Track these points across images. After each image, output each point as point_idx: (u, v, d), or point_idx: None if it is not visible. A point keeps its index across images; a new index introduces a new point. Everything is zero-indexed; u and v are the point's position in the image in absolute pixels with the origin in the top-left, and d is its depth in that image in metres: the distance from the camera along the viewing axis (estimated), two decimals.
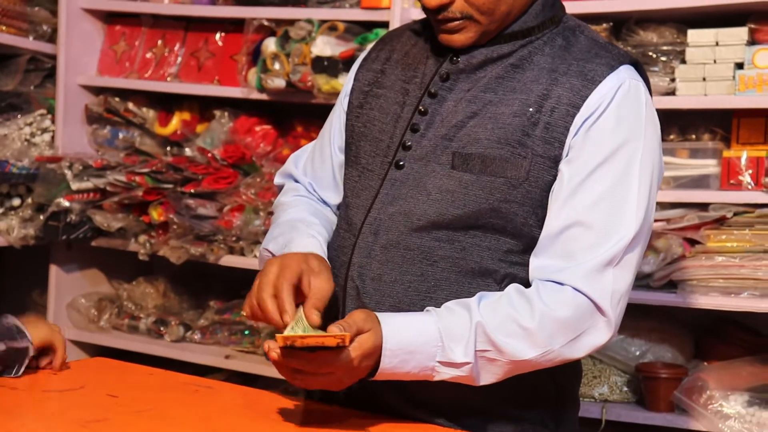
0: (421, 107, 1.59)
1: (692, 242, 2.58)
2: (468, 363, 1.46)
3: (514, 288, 1.51)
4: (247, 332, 3.08)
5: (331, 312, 1.54)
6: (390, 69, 1.67)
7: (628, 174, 1.51)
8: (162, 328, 3.18)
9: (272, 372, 2.90)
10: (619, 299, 1.52)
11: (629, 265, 1.52)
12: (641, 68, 1.59)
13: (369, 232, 1.57)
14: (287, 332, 1.40)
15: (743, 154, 2.53)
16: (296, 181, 1.80)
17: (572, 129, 1.51)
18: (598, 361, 2.71)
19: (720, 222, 2.55)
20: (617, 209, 1.50)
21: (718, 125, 2.68)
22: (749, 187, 2.52)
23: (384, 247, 1.55)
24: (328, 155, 1.75)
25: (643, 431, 2.67)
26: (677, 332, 2.75)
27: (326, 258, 1.59)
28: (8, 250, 3.14)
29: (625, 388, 2.67)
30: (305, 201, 1.75)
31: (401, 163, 1.58)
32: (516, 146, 1.51)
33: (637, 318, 2.70)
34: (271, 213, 2.86)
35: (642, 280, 2.58)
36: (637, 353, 2.68)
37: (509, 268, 1.54)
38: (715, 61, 2.54)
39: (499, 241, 1.54)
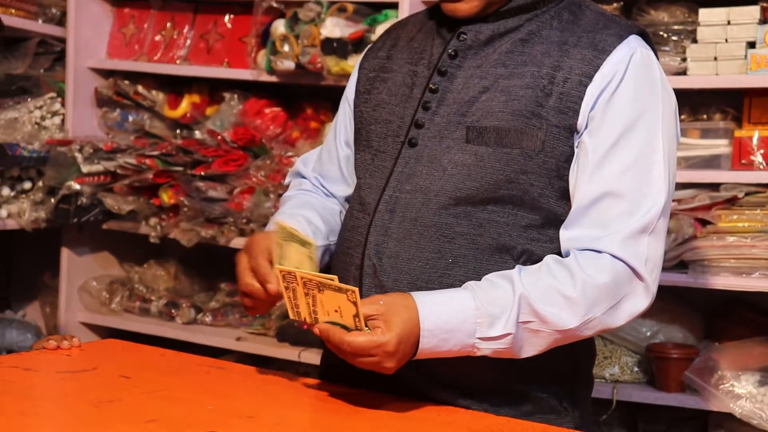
0: (431, 85, 1.59)
1: (703, 222, 2.58)
2: (509, 334, 1.46)
3: (552, 259, 1.51)
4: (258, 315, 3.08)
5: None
6: (396, 54, 1.69)
7: (651, 142, 1.53)
8: (173, 311, 3.19)
9: (283, 353, 2.91)
10: (654, 266, 1.52)
11: (661, 233, 1.53)
12: (648, 38, 1.61)
13: (385, 210, 1.57)
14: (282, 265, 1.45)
15: (755, 134, 2.52)
16: (303, 177, 1.84)
17: (587, 99, 1.52)
18: (609, 342, 2.71)
19: (731, 202, 2.54)
20: (645, 177, 1.52)
21: (730, 105, 2.67)
22: (761, 167, 2.51)
23: (401, 224, 1.56)
24: (334, 150, 1.79)
25: (654, 411, 2.67)
26: (688, 313, 2.74)
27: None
28: (20, 233, 3.15)
29: (636, 369, 2.67)
30: (307, 194, 1.79)
31: (414, 140, 1.59)
32: (530, 117, 1.52)
33: None
34: (281, 195, 2.86)
35: None
36: (648, 334, 2.68)
37: (527, 244, 1.55)
38: (726, 40, 2.52)
39: (516, 215, 1.54)
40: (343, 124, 1.77)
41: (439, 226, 1.54)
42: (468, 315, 1.45)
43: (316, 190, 1.81)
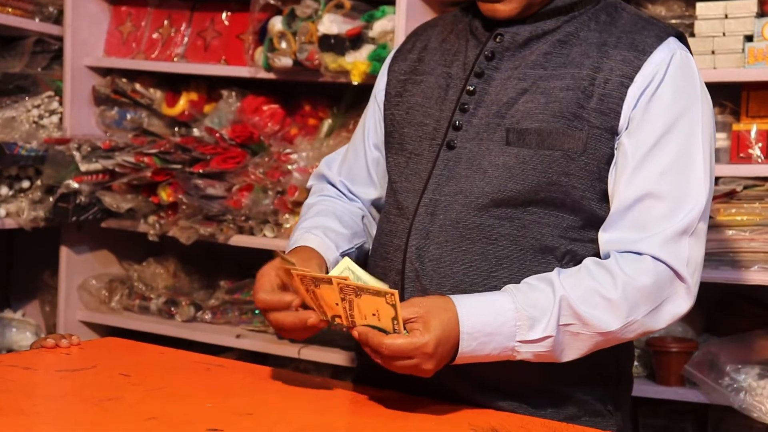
0: (468, 87, 1.58)
1: None
2: (549, 336, 1.44)
3: (591, 261, 1.50)
4: (257, 311, 3.09)
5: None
6: (428, 56, 1.67)
7: (691, 144, 1.52)
8: (173, 309, 3.19)
9: (283, 351, 2.91)
10: (696, 268, 1.52)
11: (702, 235, 1.53)
12: (686, 40, 1.61)
13: (425, 213, 1.56)
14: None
15: (753, 128, 2.52)
16: (328, 180, 1.81)
17: (628, 100, 1.51)
18: None
19: (730, 196, 2.54)
20: (686, 179, 1.51)
21: (728, 98, 2.66)
22: (759, 160, 2.51)
23: (442, 227, 1.54)
24: (362, 153, 1.76)
25: (654, 405, 2.67)
26: None
27: (333, 246, 1.63)
28: (19, 232, 3.15)
29: (636, 363, 2.67)
30: (329, 201, 1.76)
31: (453, 143, 1.57)
32: (572, 119, 1.51)
33: None
34: (280, 192, 2.87)
35: None
36: None
37: (569, 245, 1.54)
38: (724, 34, 2.52)
39: (558, 217, 1.53)
40: (372, 126, 1.75)
41: (482, 228, 1.52)
42: (508, 317, 1.43)
43: (339, 196, 1.78)
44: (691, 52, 1.60)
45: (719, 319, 2.75)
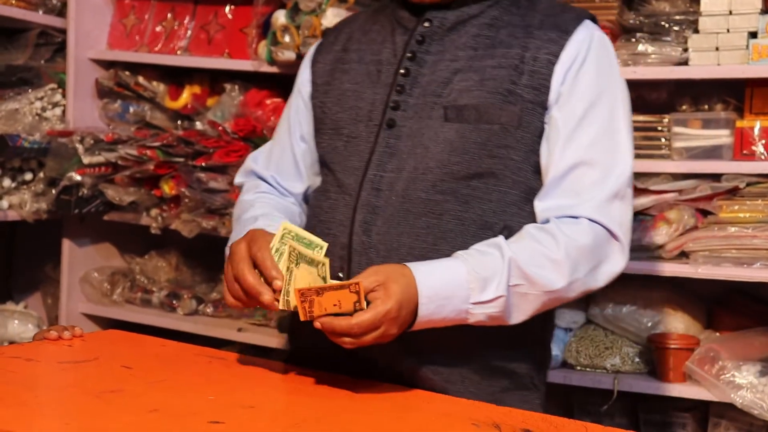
0: (401, 70, 1.67)
1: (705, 213, 2.58)
2: (501, 297, 1.51)
3: (533, 227, 1.59)
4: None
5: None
6: (353, 47, 1.77)
7: (614, 115, 1.64)
8: (175, 302, 3.19)
9: (284, 344, 2.91)
10: (627, 228, 1.62)
11: (630, 198, 1.64)
12: (597, 22, 1.73)
13: (370, 188, 1.63)
14: (293, 287, 1.44)
15: (756, 124, 2.52)
16: (258, 176, 1.86)
17: (556, 76, 1.62)
18: (610, 333, 2.71)
19: (733, 192, 2.54)
20: (613, 147, 1.63)
21: (731, 95, 2.66)
22: (762, 157, 2.51)
23: (388, 201, 1.61)
24: (288, 147, 1.83)
25: (655, 402, 2.68)
26: (689, 303, 2.75)
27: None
28: (21, 224, 3.15)
29: (637, 359, 2.67)
30: (267, 197, 1.81)
31: (392, 122, 1.65)
32: (506, 94, 1.61)
33: (649, 289, 2.70)
34: None
35: (654, 251, 2.57)
36: (649, 324, 2.68)
37: (508, 220, 1.62)
38: (728, 30, 2.52)
39: (498, 191, 1.61)
40: (297, 119, 1.82)
41: (427, 203, 1.60)
42: (461, 280, 1.49)
43: (271, 190, 1.84)
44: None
45: (721, 316, 2.75)
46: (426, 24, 1.68)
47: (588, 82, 1.62)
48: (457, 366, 1.61)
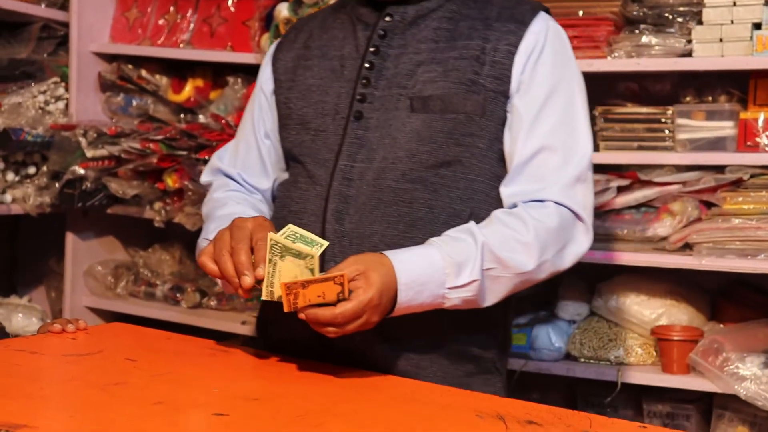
0: (366, 64, 1.71)
1: (708, 205, 2.57)
2: (475, 281, 1.57)
3: (501, 212, 1.65)
4: (262, 298, 3.09)
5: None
6: (314, 43, 1.81)
7: (573, 102, 1.71)
8: (178, 295, 3.20)
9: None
10: (590, 210, 1.69)
11: (591, 181, 1.70)
12: (551, 14, 1.78)
13: (342, 178, 1.67)
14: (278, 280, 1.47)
15: (760, 116, 2.51)
16: (225, 174, 1.90)
17: (516, 66, 1.68)
18: (614, 324, 2.71)
19: (736, 184, 2.54)
20: (573, 132, 1.69)
21: (735, 86, 2.66)
22: (766, 148, 2.50)
23: (360, 190, 1.65)
24: (254, 144, 1.87)
25: (659, 393, 2.68)
26: (693, 295, 2.74)
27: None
28: (25, 218, 3.15)
29: (641, 351, 2.67)
30: (239, 195, 1.84)
31: (360, 113, 1.69)
32: (470, 84, 1.66)
33: (652, 281, 2.70)
34: None
35: (658, 243, 2.57)
36: (653, 316, 2.68)
37: (475, 207, 1.67)
38: (732, 22, 2.51)
39: (465, 179, 1.66)
40: (260, 116, 1.86)
41: (397, 192, 1.64)
42: (437, 266, 1.54)
43: (239, 188, 1.87)
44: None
45: (725, 308, 2.74)
46: (387, 19, 1.73)
47: (546, 71, 1.68)
48: (427, 351, 1.67)
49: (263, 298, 1.51)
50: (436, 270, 1.54)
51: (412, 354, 1.66)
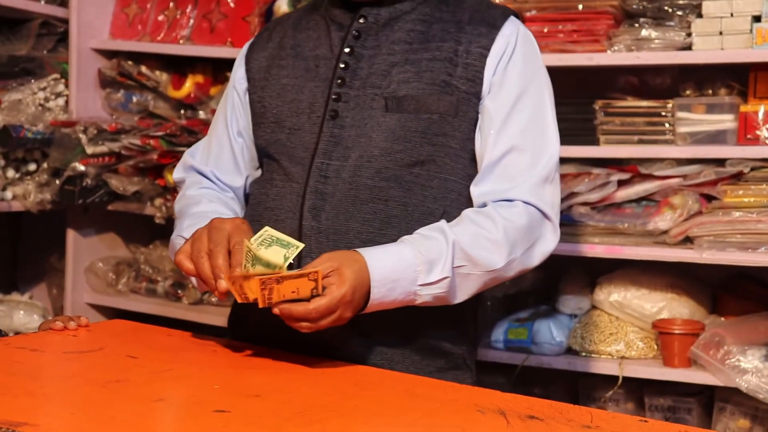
0: (341, 64, 1.74)
1: (709, 198, 2.57)
2: (446, 278, 1.59)
3: (471, 211, 1.68)
4: (237, 301, 3.09)
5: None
6: (288, 43, 1.82)
7: (542, 104, 1.75)
8: (179, 291, 3.20)
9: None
10: (558, 210, 1.74)
11: (558, 182, 1.74)
12: (520, 18, 1.82)
13: (318, 176, 1.69)
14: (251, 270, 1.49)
15: (761, 109, 2.51)
16: (197, 171, 1.91)
17: (488, 68, 1.72)
18: (614, 318, 2.71)
19: (737, 177, 2.54)
20: (541, 134, 1.73)
21: (735, 79, 2.65)
22: (767, 141, 2.50)
23: (336, 188, 1.68)
24: (227, 142, 1.88)
25: (660, 387, 2.68)
26: (694, 288, 2.74)
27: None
28: (25, 215, 3.16)
29: (642, 345, 2.67)
30: (211, 193, 1.86)
31: (335, 112, 1.71)
32: (443, 85, 1.70)
33: (653, 274, 2.70)
34: None
35: (658, 237, 2.57)
36: (654, 310, 2.68)
37: (447, 206, 1.70)
38: (731, 15, 2.51)
39: (438, 178, 1.70)
40: (234, 115, 1.88)
41: (372, 189, 1.67)
42: (409, 263, 1.57)
43: (212, 186, 1.89)
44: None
45: (726, 301, 2.74)
46: (361, 20, 1.76)
47: (517, 73, 1.72)
48: (399, 346, 1.69)
49: (239, 301, 1.53)
50: (408, 267, 1.56)
51: (384, 348, 1.68)
